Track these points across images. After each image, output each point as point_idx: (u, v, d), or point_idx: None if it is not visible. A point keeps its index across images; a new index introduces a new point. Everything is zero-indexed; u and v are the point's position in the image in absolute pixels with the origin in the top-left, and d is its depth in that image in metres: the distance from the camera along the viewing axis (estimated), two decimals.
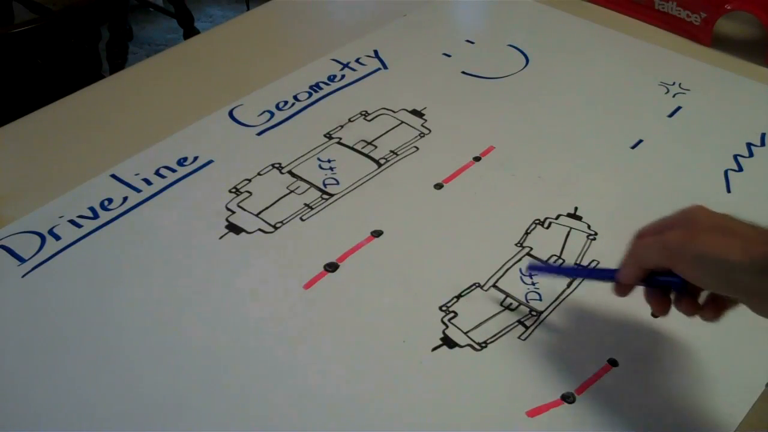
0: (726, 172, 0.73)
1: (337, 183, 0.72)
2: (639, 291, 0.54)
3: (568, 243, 0.66)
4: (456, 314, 0.60)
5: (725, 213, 0.49)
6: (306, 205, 0.69)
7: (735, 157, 0.75)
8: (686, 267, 0.47)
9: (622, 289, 0.54)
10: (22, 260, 0.64)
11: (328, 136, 0.77)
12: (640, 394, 0.55)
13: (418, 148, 0.76)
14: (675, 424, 0.53)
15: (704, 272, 0.47)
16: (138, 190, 0.71)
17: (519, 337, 0.58)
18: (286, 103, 0.82)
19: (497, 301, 0.61)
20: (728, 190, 0.71)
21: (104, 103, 0.84)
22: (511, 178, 0.73)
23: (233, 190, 0.71)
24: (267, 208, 0.69)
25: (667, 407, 0.54)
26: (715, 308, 0.50)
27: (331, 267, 0.64)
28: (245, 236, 0.67)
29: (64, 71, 1.19)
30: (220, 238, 0.66)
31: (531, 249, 0.65)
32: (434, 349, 0.57)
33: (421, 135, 0.77)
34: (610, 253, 0.64)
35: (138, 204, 0.70)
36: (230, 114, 0.80)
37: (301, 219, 0.68)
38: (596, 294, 0.62)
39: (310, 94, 0.83)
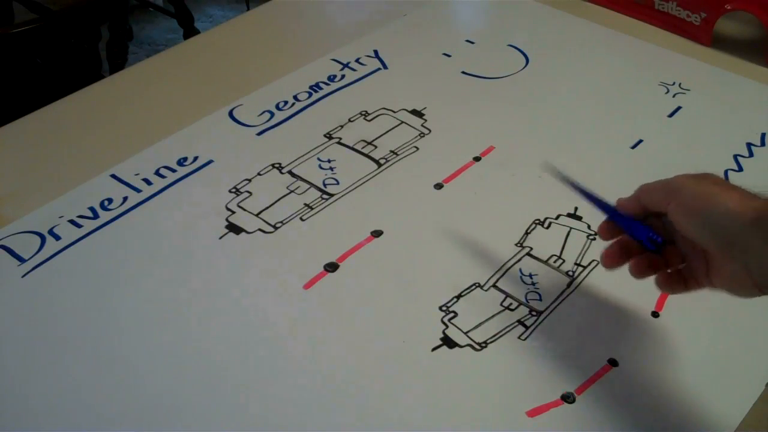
0: (726, 173, 0.73)
1: (337, 183, 0.72)
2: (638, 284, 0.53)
3: (568, 243, 0.66)
4: (456, 314, 0.60)
5: (705, 175, 0.50)
6: (306, 205, 0.69)
7: (735, 157, 0.75)
8: (680, 207, 0.49)
9: (609, 231, 0.55)
10: (22, 260, 0.64)
11: (328, 136, 0.77)
12: (640, 394, 0.55)
13: (418, 148, 0.76)
14: (675, 424, 0.53)
15: (696, 215, 0.48)
16: (138, 190, 0.71)
17: (519, 337, 0.58)
18: (286, 103, 0.82)
19: (497, 301, 0.61)
20: None
21: (104, 103, 0.84)
22: (511, 178, 0.73)
23: (233, 190, 0.71)
24: (267, 208, 0.69)
25: (667, 407, 0.54)
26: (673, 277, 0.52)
27: (331, 267, 0.64)
28: (245, 236, 0.67)
29: (64, 71, 1.19)
30: (220, 238, 0.66)
31: (531, 249, 0.65)
32: (434, 349, 0.57)
33: (421, 135, 0.77)
34: None
35: (138, 204, 0.70)
36: (230, 114, 0.80)
37: (301, 219, 0.68)
38: (596, 294, 0.62)
39: (310, 94, 0.83)
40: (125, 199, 0.70)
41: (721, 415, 0.53)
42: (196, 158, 0.74)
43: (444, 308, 0.60)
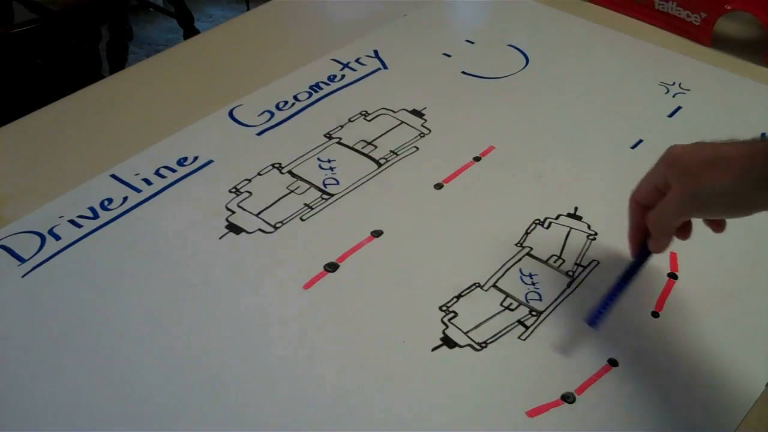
0: None
1: (337, 183, 0.72)
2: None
3: (568, 243, 0.66)
4: (456, 314, 0.60)
5: (695, 142, 0.52)
6: (306, 205, 0.69)
7: None
8: (704, 211, 0.52)
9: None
10: (22, 260, 0.64)
11: (328, 136, 0.77)
12: (640, 394, 0.55)
13: (418, 148, 0.76)
14: (675, 424, 0.53)
15: (720, 206, 0.50)
16: (138, 190, 0.71)
17: (519, 337, 0.58)
18: (286, 103, 0.82)
19: (497, 301, 0.61)
20: None
21: (104, 103, 0.84)
22: (511, 178, 0.73)
23: (233, 190, 0.71)
24: (267, 208, 0.69)
25: (667, 407, 0.54)
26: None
27: (331, 267, 0.64)
28: (245, 236, 0.67)
29: (64, 71, 1.19)
30: (220, 238, 0.66)
31: (531, 249, 0.65)
32: (434, 349, 0.57)
33: (421, 135, 0.77)
34: (610, 253, 0.64)
35: (138, 204, 0.70)
36: (230, 114, 0.80)
37: (301, 219, 0.68)
38: (596, 294, 0.62)
39: (310, 94, 0.83)
40: (125, 199, 0.70)
41: (721, 415, 0.53)
42: (196, 158, 0.74)
43: (444, 308, 0.60)
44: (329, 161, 0.74)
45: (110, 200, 0.70)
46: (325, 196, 0.70)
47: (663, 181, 0.53)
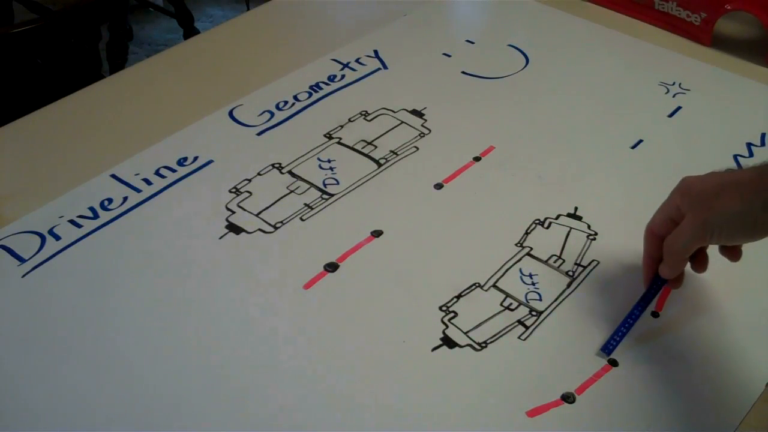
0: None
1: (337, 183, 0.72)
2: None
3: (568, 243, 0.66)
4: (456, 314, 0.60)
5: (709, 172, 0.53)
6: (306, 205, 0.69)
7: (735, 157, 0.75)
8: (717, 236, 0.52)
9: (677, 282, 0.58)
10: (22, 260, 0.64)
11: (328, 136, 0.77)
12: (640, 394, 0.55)
13: (418, 148, 0.76)
14: (675, 424, 0.53)
15: (733, 230, 0.51)
16: (138, 190, 0.71)
17: (519, 337, 0.58)
18: (286, 103, 0.82)
19: (497, 301, 0.61)
20: None
21: (104, 103, 0.84)
22: (511, 178, 0.73)
23: (233, 190, 0.71)
24: (267, 208, 0.69)
25: (667, 407, 0.54)
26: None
27: (331, 267, 0.64)
28: (245, 236, 0.67)
29: (64, 71, 1.19)
30: (220, 238, 0.66)
31: (531, 249, 0.65)
32: (434, 349, 0.57)
33: (421, 135, 0.77)
34: (610, 253, 0.64)
35: (138, 204, 0.70)
36: (230, 114, 0.80)
37: (301, 219, 0.68)
38: (596, 294, 0.62)
39: (310, 94, 0.83)
40: (125, 199, 0.70)
41: (721, 415, 0.53)
42: (196, 158, 0.74)
43: (444, 308, 0.60)
44: (329, 161, 0.74)
45: (110, 200, 0.70)
46: (325, 196, 0.70)
47: (677, 211, 0.54)
